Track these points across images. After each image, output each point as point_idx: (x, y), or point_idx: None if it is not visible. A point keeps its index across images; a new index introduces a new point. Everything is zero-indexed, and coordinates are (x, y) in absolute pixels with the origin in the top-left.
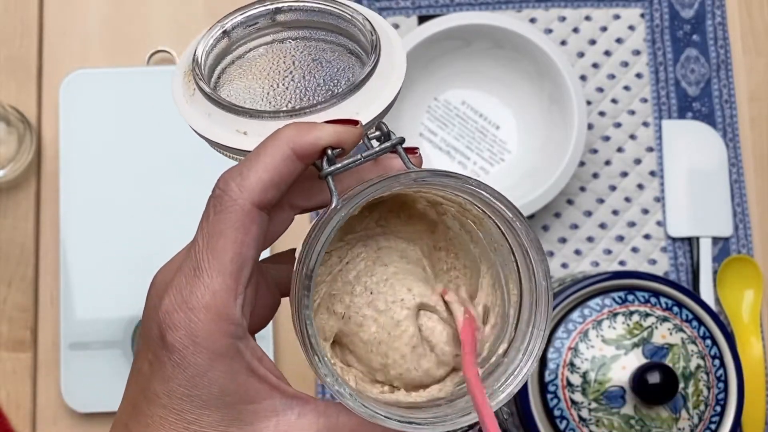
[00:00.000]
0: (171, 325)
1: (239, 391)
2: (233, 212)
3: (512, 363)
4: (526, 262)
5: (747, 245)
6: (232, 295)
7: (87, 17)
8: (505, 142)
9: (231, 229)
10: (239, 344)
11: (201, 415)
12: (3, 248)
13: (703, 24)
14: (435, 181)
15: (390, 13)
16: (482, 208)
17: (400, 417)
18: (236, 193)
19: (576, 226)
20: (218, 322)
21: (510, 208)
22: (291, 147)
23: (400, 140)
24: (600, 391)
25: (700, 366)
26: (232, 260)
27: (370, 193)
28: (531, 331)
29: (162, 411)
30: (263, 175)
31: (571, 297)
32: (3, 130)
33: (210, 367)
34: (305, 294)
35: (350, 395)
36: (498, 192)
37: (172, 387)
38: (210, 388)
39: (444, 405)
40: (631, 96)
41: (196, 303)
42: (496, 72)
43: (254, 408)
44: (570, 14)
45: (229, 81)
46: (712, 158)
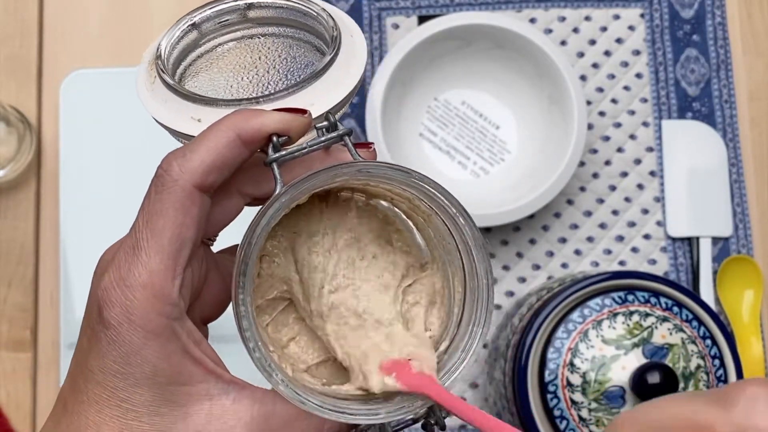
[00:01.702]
0: (108, 301)
1: (172, 372)
2: (174, 192)
3: (450, 359)
4: (470, 259)
5: (747, 245)
6: (169, 274)
7: (87, 17)
8: (505, 142)
9: (171, 209)
10: (175, 325)
11: (133, 393)
12: (3, 248)
13: (703, 24)
14: (379, 172)
15: (390, 13)
16: (429, 203)
17: (333, 407)
18: (178, 174)
19: (576, 226)
20: (154, 301)
21: (454, 203)
22: (236, 132)
23: (347, 131)
24: (600, 391)
25: (700, 366)
26: (171, 240)
27: (312, 181)
28: (471, 329)
29: (96, 387)
30: (206, 157)
31: (571, 297)
32: (3, 130)
33: (144, 345)
34: (241, 277)
35: (281, 381)
36: (442, 186)
37: (106, 363)
38: (143, 366)
39: (381, 400)
40: (631, 96)
41: (133, 281)
42: (496, 72)
43: (187, 390)
44: (570, 14)
45: (195, 73)
46: (712, 158)
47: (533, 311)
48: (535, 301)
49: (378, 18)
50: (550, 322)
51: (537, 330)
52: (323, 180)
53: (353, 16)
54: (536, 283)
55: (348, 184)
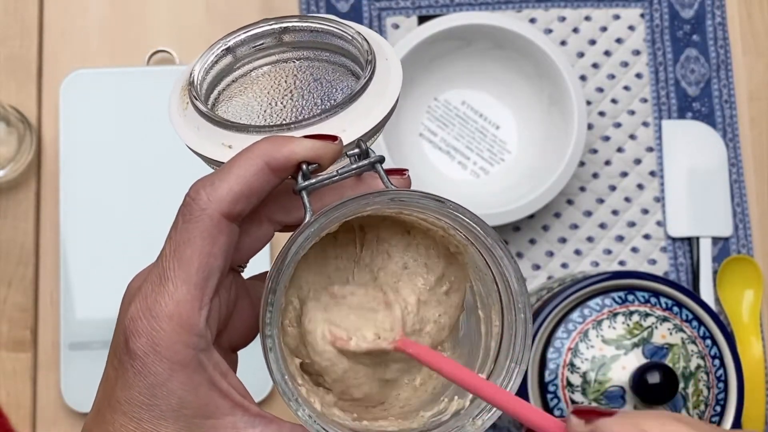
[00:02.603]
0: (134, 331)
1: (199, 405)
2: (201, 221)
3: None
4: (507, 292)
5: (747, 245)
6: (196, 305)
7: (87, 17)
8: (505, 142)
9: (199, 238)
10: (202, 356)
11: (159, 425)
12: (3, 248)
13: (703, 24)
14: (413, 201)
15: (390, 13)
16: (464, 233)
17: None
18: (205, 203)
19: (576, 226)
20: (181, 332)
21: (490, 233)
22: (265, 160)
23: (379, 159)
24: (600, 391)
25: (700, 366)
26: (198, 270)
27: (343, 209)
28: (508, 365)
29: (122, 418)
30: (234, 186)
31: (571, 297)
32: (3, 130)
33: (170, 377)
34: (269, 309)
35: (309, 416)
36: (477, 216)
37: (132, 395)
38: (169, 398)
39: None
40: (631, 96)
41: (159, 311)
42: (496, 72)
43: (213, 423)
44: (570, 14)
45: (229, 98)
46: (712, 158)
47: (533, 311)
48: (535, 301)
49: (378, 18)
50: (550, 322)
51: (537, 330)
52: (354, 208)
53: (353, 16)
54: (536, 283)
55: (380, 212)
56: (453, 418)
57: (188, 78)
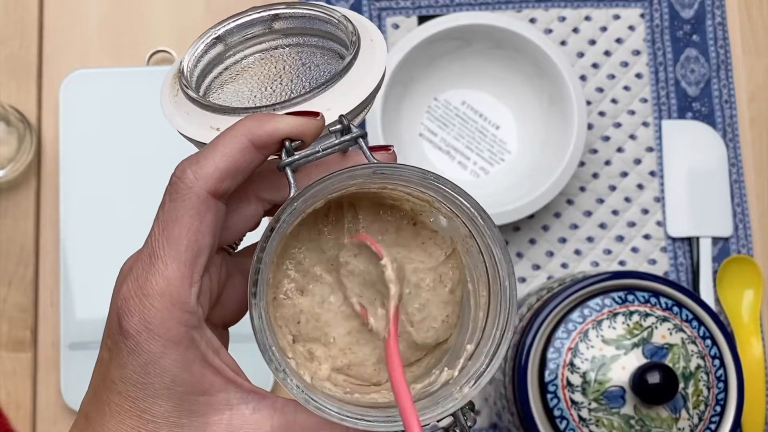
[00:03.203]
0: (127, 311)
1: (192, 382)
2: (188, 199)
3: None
4: (492, 261)
5: (747, 245)
6: (187, 282)
7: (87, 17)
8: (505, 142)
9: (186, 216)
10: (194, 333)
11: (153, 403)
12: (3, 248)
13: (702, 24)
14: (395, 173)
15: (390, 13)
16: (448, 206)
17: (351, 413)
18: (192, 181)
19: (576, 226)
20: (172, 310)
21: (471, 203)
22: (248, 137)
23: (362, 133)
24: (600, 391)
25: (700, 366)
26: (188, 248)
27: (326, 183)
28: (494, 332)
29: (118, 398)
30: (220, 163)
31: (571, 297)
32: (3, 130)
33: (163, 354)
34: (254, 282)
35: (297, 386)
36: (459, 187)
37: (126, 373)
38: (162, 376)
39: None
40: (631, 96)
41: (150, 290)
42: (496, 72)
43: (207, 400)
44: (570, 14)
45: (220, 85)
46: (712, 158)
47: (533, 311)
48: (535, 301)
49: (378, 18)
50: (550, 322)
51: (537, 330)
52: (338, 183)
53: None
54: (536, 283)
55: (365, 187)
56: (442, 388)
57: (178, 66)
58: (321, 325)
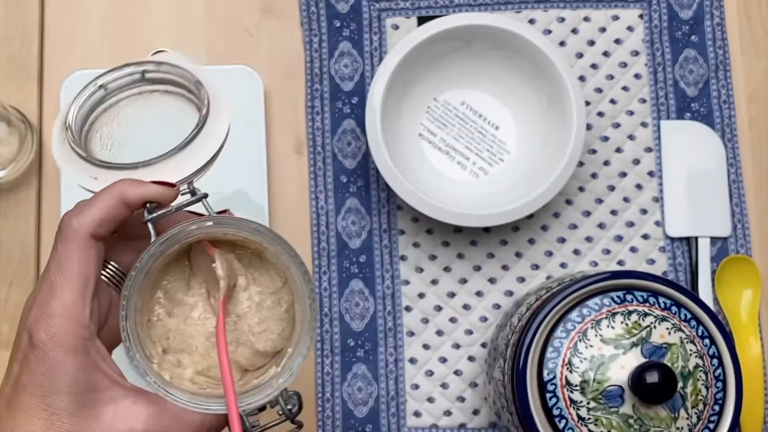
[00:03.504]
0: (36, 329)
1: (86, 381)
2: (75, 241)
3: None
4: (301, 287)
5: (745, 245)
6: (80, 304)
7: (88, 18)
8: (504, 142)
9: (75, 253)
10: (88, 344)
11: (56, 399)
12: (4, 248)
13: (701, 25)
14: (228, 222)
15: (389, 14)
16: (270, 246)
17: (199, 402)
18: (77, 227)
19: (575, 226)
20: (71, 325)
21: (283, 244)
22: (122, 197)
23: (203, 195)
24: (599, 390)
25: (698, 365)
26: (78, 277)
27: (176, 231)
28: (303, 337)
29: (27, 398)
30: (97, 214)
31: (569, 297)
32: (4, 131)
33: (64, 360)
34: (123, 309)
35: (153, 382)
36: (273, 233)
37: (35, 378)
38: (64, 377)
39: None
40: (630, 96)
41: (53, 312)
42: (495, 72)
43: (97, 396)
44: (569, 15)
45: (100, 127)
46: (711, 158)
47: (532, 311)
48: (534, 301)
49: (378, 19)
50: (549, 322)
51: (536, 329)
52: (187, 232)
53: (353, 16)
54: (535, 283)
55: (212, 234)
56: (269, 380)
57: (64, 118)
58: (186, 338)
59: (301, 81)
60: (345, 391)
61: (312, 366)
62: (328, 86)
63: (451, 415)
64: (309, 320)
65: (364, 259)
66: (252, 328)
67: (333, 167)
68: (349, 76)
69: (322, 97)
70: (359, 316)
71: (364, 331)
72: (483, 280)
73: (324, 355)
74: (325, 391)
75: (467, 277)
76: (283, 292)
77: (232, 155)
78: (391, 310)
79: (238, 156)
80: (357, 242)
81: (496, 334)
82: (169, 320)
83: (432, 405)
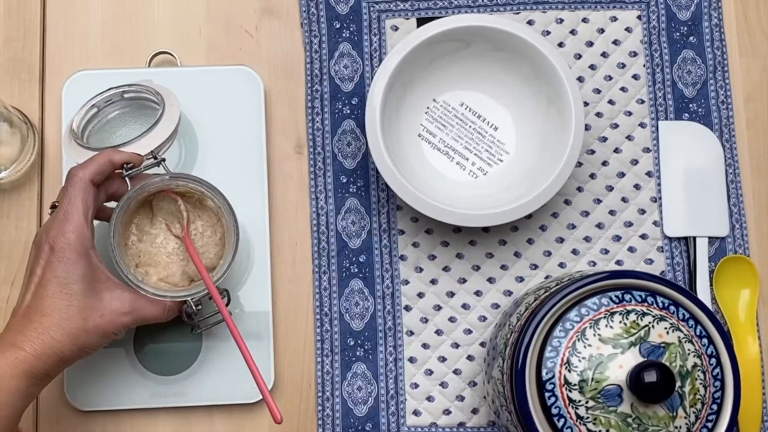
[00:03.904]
0: (56, 241)
1: (91, 274)
2: (80, 184)
3: (220, 271)
4: (228, 220)
5: (743, 245)
6: (85, 224)
7: (89, 19)
8: (503, 143)
9: (81, 191)
10: (90, 251)
11: (73, 286)
12: (6, 248)
13: (699, 26)
14: (180, 177)
15: (389, 15)
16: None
17: (161, 293)
18: (81, 175)
19: (573, 226)
20: (80, 238)
21: (212, 189)
22: (109, 158)
23: (162, 159)
24: (597, 389)
25: (696, 365)
26: (83, 207)
27: (144, 183)
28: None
29: (52, 287)
30: (95, 167)
31: (568, 296)
32: (6, 131)
33: (77, 260)
34: (112, 235)
35: (131, 280)
36: (205, 182)
37: (57, 272)
38: (77, 271)
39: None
40: (628, 97)
41: (68, 229)
42: (494, 73)
43: (99, 285)
44: (567, 16)
45: (95, 132)
46: (709, 159)
47: (531, 310)
48: (532, 301)
49: (377, 20)
50: (547, 321)
51: (535, 329)
52: (152, 182)
53: (353, 18)
54: (534, 283)
55: (170, 185)
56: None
57: (70, 126)
58: (152, 256)
59: (301, 81)
60: (345, 390)
61: (312, 365)
62: (328, 87)
63: (451, 413)
64: (232, 242)
65: (363, 258)
66: (198, 249)
67: (333, 167)
68: (349, 77)
69: (322, 97)
70: (359, 316)
71: (364, 331)
72: (482, 279)
73: (324, 355)
74: (325, 390)
75: (466, 276)
76: (218, 226)
77: (232, 155)
78: (391, 309)
79: (238, 156)
80: (357, 242)
81: (495, 333)
82: (139, 245)
83: (431, 404)
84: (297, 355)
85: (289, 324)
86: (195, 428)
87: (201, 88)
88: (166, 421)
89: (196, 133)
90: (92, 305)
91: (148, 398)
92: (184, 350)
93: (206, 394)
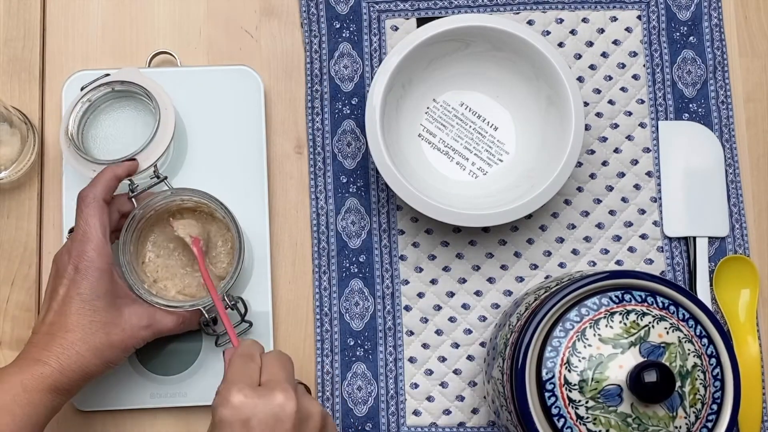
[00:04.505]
0: (80, 260)
1: (113, 291)
2: (94, 205)
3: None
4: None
5: (743, 245)
6: (104, 242)
7: (89, 19)
8: (503, 143)
9: (97, 212)
10: (111, 267)
11: (96, 303)
12: (6, 248)
13: (699, 26)
14: (184, 193)
15: (389, 15)
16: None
17: (173, 305)
18: (93, 196)
19: (573, 226)
20: (101, 256)
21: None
22: (114, 174)
23: (164, 177)
24: (597, 389)
25: (696, 365)
26: (101, 226)
27: (147, 202)
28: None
29: (76, 303)
30: (104, 185)
31: (568, 296)
32: (6, 131)
33: (100, 277)
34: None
35: (146, 291)
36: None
37: (81, 290)
38: (101, 288)
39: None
40: (628, 97)
41: (89, 249)
42: (494, 73)
43: (119, 301)
44: (567, 16)
45: (89, 127)
46: (709, 159)
47: (531, 310)
48: (532, 301)
49: (377, 20)
50: (547, 321)
51: (535, 329)
52: (155, 202)
53: (353, 17)
54: (534, 283)
55: (174, 205)
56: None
57: (66, 129)
58: (170, 269)
59: (301, 82)
60: (345, 389)
61: (312, 365)
62: (328, 87)
63: (451, 413)
64: (238, 252)
65: (363, 258)
66: (211, 260)
67: (333, 167)
68: (349, 77)
69: (322, 97)
70: (359, 316)
71: (364, 331)
72: (482, 279)
73: (324, 354)
74: (325, 390)
75: (466, 276)
76: (228, 236)
77: (232, 155)
78: (391, 309)
79: (238, 156)
80: (357, 242)
81: (495, 333)
82: (157, 260)
83: (431, 404)
84: (297, 354)
85: (289, 324)
86: (195, 428)
87: (201, 89)
88: (166, 421)
89: (197, 133)
90: (114, 321)
91: (148, 398)
92: (184, 350)
93: (206, 394)
